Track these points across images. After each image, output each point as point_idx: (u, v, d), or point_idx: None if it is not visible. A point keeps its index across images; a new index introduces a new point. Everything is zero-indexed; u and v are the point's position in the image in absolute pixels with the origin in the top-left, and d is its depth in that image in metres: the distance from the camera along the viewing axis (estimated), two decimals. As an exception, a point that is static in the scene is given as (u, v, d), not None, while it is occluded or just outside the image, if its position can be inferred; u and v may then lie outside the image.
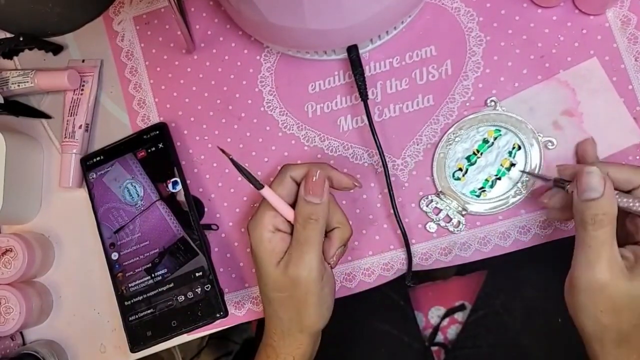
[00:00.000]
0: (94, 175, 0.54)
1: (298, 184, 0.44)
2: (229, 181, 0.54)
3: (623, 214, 0.41)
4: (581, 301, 0.40)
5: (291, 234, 0.44)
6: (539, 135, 0.50)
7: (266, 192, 0.43)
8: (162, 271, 0.51)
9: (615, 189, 0.41)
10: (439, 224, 0.51)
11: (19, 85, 0.55)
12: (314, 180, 0.42)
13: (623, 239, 0.41)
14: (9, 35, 0.58)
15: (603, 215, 0.38)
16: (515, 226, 0.51)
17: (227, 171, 0.54)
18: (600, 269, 0.38)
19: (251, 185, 0.42)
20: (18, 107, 0.57)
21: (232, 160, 0.41)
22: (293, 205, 0.44)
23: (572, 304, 0.41)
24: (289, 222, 0.44)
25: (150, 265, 0.52)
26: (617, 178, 0.41)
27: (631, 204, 0.40)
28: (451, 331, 0.69)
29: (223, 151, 0.42)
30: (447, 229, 0.51)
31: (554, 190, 0.46)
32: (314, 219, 0.42)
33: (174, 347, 0.85)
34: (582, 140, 0.49)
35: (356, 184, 0.46)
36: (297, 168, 0.44)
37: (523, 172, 0.50)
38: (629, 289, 0.38)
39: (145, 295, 0.51)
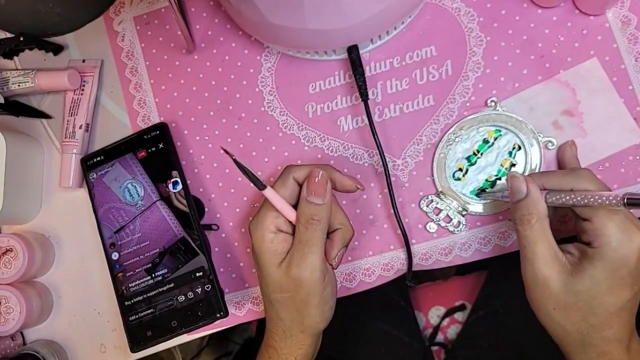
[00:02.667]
0: (94, 175, 0.54)
1: (300, 185, 0.44)
2: (229, 181, 0.54)
3: (574, 217, 0.42)
4: (533, 299, 0.41)
5: (293, 234, 0.44)
6: (539, 136, 0.50)
7: (269, 192, 0.43)
8: (163, 271, 0.51)
9: None
10: (439, 224, 0.51)
11: (19, 85, 0.55)
12: (316, 181, 0.42)
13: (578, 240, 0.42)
14: (9, 35, 0.58)
15: (529, 214, 0.40)
16: (516, 226, 0.51)
17: (228, 171, 0.54)
18: (538, 265, 0.40)
19: (252, 186, 0.42)
20: (18, 107, 0.57)
21: (235, 160, 0.41)
22: (295, 207, 0.44)
23: (530, 303, 0.42)
24: (291, 222, 0.44)
25: (150, 265, 0.52)
26: (550, 187, 0.42)
27: (556, 200, 0.40)
28: (451, 331, 0.69)
29: (226, 151, 0.42)
30: (447, 229, 0.51)
31: None
32: (316, 220, 0.42)
33: (174, 347, 0.85)
34: (563, 143, 0.50)
35: (359, 186, 0.46)
36: (300, 169, 0.44)
37: (479, 194, 0.51)
38: (571, 284, 0.39)
39: (145, 295, 0.51)
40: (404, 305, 0.69)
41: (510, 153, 0.51)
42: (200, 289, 0.50)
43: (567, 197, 0.40)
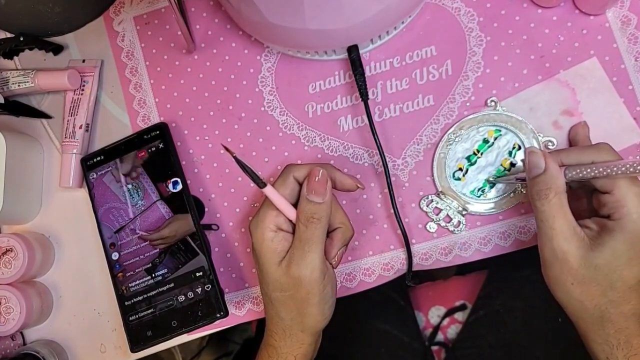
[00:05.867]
0: (95, 175, 0.54)
1: (300, 184, 0.44)
2: (229, 181, 0.54)
3: (589, 191, 0.43)
4: (551, 275, 0.41)
5: (293, 233, 0.44)
6: (539, 135, 0.50)
7: (269, 190, 0.43)
8: (163, 271, 0.51)
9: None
10: (439, 224, 0.51)
11: (19, 85, 0.55)
12: (316, 179, 0.42)
13: (592, 215, 0.42)
14: (9, 35, 0.58)
15: (547, 189, 0.40)
16: (516, 226, 0.51)
17: (228, 171, 0.54)
18: (557, 240, 0.39)
19: (252, 185, 0.42)
20: (18, 107, 0.57)
21: (235, 158, 0.41)
22: (295, 206, 0.44)
23: (547, 280, 0.42)
24: (291, 221, 0.44)
25: (150, 265, 0.52)
26: (569, 162, 0.41)
27: (576, 174, 0.40)
28: (451, 331, 0.69)
29: (227, 149, 0.42)
30: (448, 229, 0.51)
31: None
32: (317, 218, 0.42)
33: (174, 347, 0.85)
34: (575, 124, 0.50)
35: (359, 185, 0.46)
36: (300, 168, 0.44)
37: (489, 180, 0.50)
38: (591, 258, 0.39)
39: (145, 295, 0.51)
40: (404, 305, 0.69)
41: (510, 153, 0.51)
42: (200, 289, 0.50)
43: (589, 170, 0.39)
